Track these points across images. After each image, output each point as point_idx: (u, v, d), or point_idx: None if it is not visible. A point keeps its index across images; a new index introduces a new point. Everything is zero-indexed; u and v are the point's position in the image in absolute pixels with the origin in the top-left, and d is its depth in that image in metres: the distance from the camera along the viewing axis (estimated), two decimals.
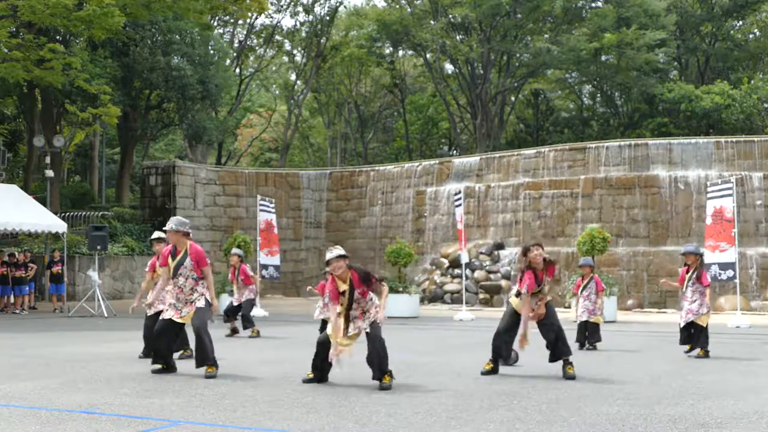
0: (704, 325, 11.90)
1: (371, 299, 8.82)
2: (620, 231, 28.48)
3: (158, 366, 9.68)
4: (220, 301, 23.16)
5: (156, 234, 11.13)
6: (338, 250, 8.74)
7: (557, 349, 9.59)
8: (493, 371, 9.60)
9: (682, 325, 12.01)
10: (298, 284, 34.83)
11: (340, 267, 8.63)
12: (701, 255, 12.19)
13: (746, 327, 18.49)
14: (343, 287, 8.64)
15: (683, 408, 7.32)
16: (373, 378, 8.62)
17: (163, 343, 9.63)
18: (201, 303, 9.57)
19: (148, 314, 10.96)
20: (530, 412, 7.08)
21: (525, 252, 9.71)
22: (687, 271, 12.05)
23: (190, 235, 9.87)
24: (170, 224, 9.73)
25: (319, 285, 14.53)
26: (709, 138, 31.86)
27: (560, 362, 9.62)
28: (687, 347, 12.01)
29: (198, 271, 9.62)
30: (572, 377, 9.27)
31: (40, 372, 9.77)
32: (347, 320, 8.63)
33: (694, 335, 11.96)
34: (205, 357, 9.41)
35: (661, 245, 27.68)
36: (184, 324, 9.77)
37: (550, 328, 9.58)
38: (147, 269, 11.52)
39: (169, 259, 9.72)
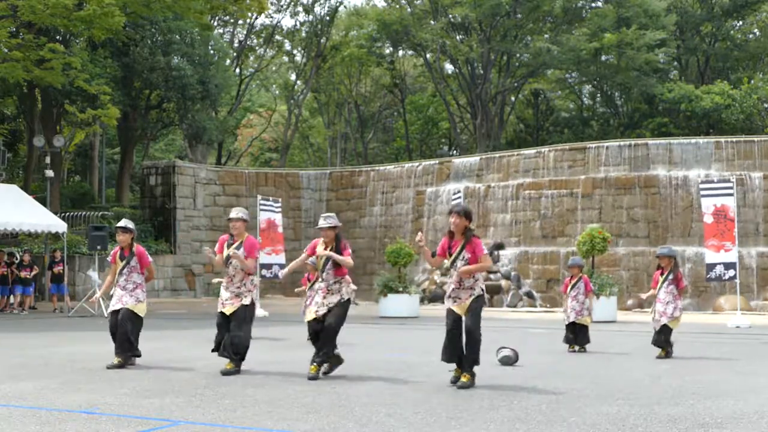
0: (673, 328, 11.86)
1: (340, 288, 9.25)
2: (620, 231, 28.48)
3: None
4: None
5: (122, 222, 10.66)
6: (329, 221, 9.38)
7: (464, 357, 8.65)
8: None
9: (657, 329, 11.91)
10: (298, 285, 34.81)
11: (327, 235, 9.35)
12: (675, 257, 12.14)
13: (746, 327, 18.48)
14: (321, 248, 9.39)
15: (683, 408, 7.32)
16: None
17: (221, 336, 9.81)
18: (247, 300, 9.76)
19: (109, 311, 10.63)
20: (530, 412, 7.08)
21: (449, 213, 9.09)
22: (661, 274, 11.97)
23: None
24: (236, 212, 9.99)
25: (303, 279, 14.56)
26: (709, 138, 31.87)
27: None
28: (660, 351, 11.90)
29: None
30: (463, 385, 8.40)
31: (40, 372, 9.77)
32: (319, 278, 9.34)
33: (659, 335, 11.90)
34: (234, 351, 9.64)
35: (661, 245, 27.69)
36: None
37: (467, 338, 8.59)
38: (110, 259, 10.81)
39: (225, 247, 9.88)
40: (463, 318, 8.59)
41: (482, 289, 8.69)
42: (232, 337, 9.56)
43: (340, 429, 6.32)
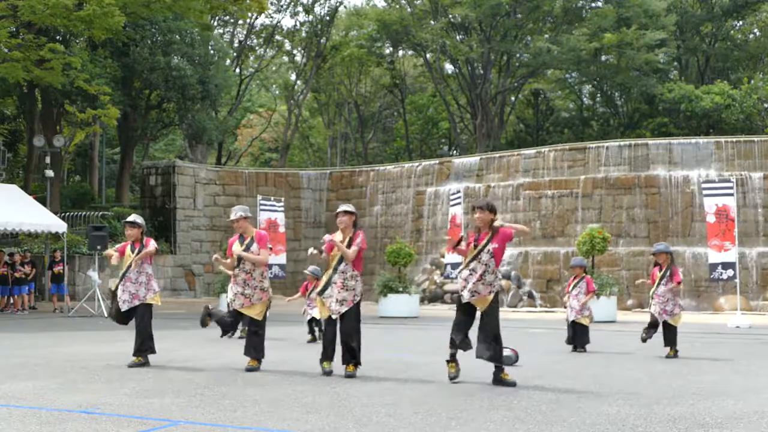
0: (676, 326, 11.85)
1: (355, 285, 9.27)
2: (620, 231, 28.48)
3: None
4: (219, 301, 23.16)
5: (131, 217, 10.62)
6: (347, 206, 9.49)
7: (482, 352, 8.65)
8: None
9: (659, 322, 11.93)
10: (298, 284, 34.76)
11: (343, 222, 9.34)
12: (671, 254, 12.16)
13: (746, 327, 18.48)
14: (339, 237, 9.36)
15: (683, 408, 7.31)
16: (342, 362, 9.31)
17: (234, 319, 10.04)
18: (269, 293, 9.98)
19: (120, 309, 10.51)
20: (530, 412, 7.08)
21: (472, 210, 9.06)
22: (659, 270, 11.99)
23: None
24: (236, 212, 9.94)
25: (302, 287, 14.58)
26: (709, 138, 31.87)
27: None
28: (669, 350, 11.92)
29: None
30: (511, 384, 8.49)
31: (40, 372, 9.76)
32: (334, 270, 9.29)
33: (665, 335, 11.90)
34: (256, 350, 9.85)
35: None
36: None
37: (484, 339, 8.62)
38: (118, 247, 10.71)
39: (236, 245, 9.90)
40: (479, 312, 8.68)
41: (500, 286, 8.80)
42: (253, 336, 9.86)
43: (340, 429, 6.32)
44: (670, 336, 11.81)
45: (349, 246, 9.32)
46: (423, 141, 58.64)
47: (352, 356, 9.27)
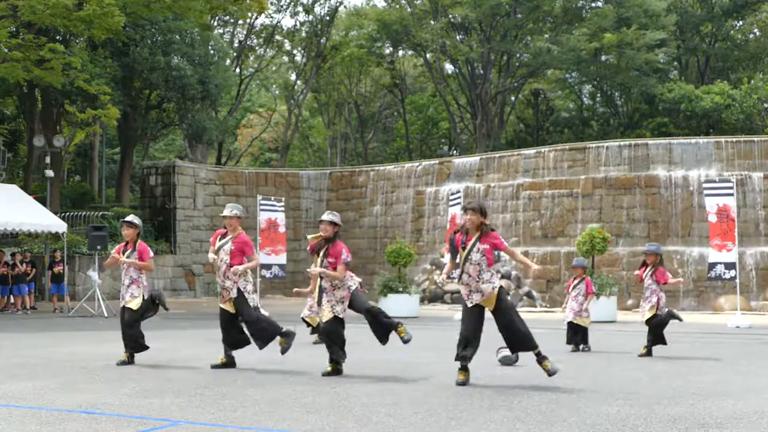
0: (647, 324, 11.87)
1: (343, 282, 9.42)
2: (620, 231, 28.47)
3: (218, 362, 10.07)
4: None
5: (129, 217, 10.85)
6: (331, 216, 9.71)
7: (513, 345, 8.81)
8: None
9: (643, 322, 12.03)
10: (298, 284, 34.76)
11: (325, 230, 9.63)
12: (660, 255, 12.19)
13: (746, 327, 18.48)
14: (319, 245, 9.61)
15: (683, 408, 7.32)
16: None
17: (225, 334, 10.11)
18: (234, 293, 9.91)
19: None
20: (530, 412, 7.08)
21: (463, 210, 8.99)
22: (644, 270, 12.05)
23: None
24: (230, 210, 10.12)
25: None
26: (709, 138, 31.87)
27: (531, 355, 8.75)
28: (644, 350, 12.00)
29: (236, 260, 9.89)
30: (552, 371, 8.56)
31: (40, 372, 9.77)
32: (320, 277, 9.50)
33: (654, 335, 11.97)
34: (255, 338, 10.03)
35: (661, 245, 27.61)
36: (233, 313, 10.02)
37: (503, 326, 8.67)
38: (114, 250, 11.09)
39: (217, 241, 10.11)
40: (488, 312, 8.65)
41: (500, 284, 8.72)
42: (247, 328, 10.03)
43: (340, 429, 6.32)
44: (655, 335, 11.85)
45: (326, 256, 9.51)
46: (423, 141, 58.64)
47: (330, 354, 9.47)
